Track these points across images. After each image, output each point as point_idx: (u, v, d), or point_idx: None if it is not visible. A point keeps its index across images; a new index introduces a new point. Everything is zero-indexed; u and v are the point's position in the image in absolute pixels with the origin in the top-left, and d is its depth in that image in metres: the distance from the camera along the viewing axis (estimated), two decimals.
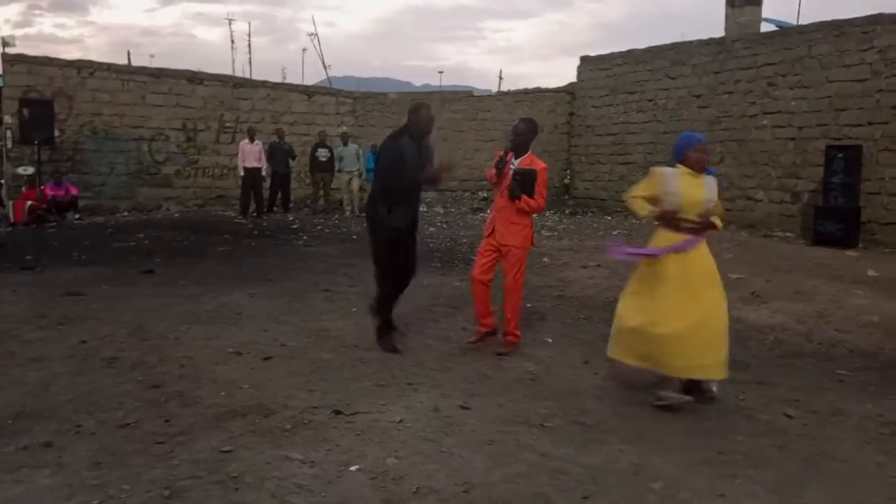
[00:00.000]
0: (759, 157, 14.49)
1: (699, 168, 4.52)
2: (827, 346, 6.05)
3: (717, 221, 4.59)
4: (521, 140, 5.46)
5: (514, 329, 5.57)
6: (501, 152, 5.50)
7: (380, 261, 5.56)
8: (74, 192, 14.36)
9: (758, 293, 8.06)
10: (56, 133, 14.26)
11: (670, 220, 4.49)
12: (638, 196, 4.62)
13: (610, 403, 4.50)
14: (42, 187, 13.48)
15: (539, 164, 5.46)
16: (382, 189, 5.51)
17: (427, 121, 5.51)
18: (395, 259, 5.49)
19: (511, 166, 5.40)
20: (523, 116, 5.99)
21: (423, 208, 17.39)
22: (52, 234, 11.79)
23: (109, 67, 16.07)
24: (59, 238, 11.33)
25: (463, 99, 19.67)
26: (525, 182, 5.32)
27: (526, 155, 5.45)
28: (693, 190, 4.48)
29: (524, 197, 5.33)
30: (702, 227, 4.52)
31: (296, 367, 5.01)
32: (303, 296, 7.38)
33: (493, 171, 5.43)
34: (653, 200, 4.55)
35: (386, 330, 5.61)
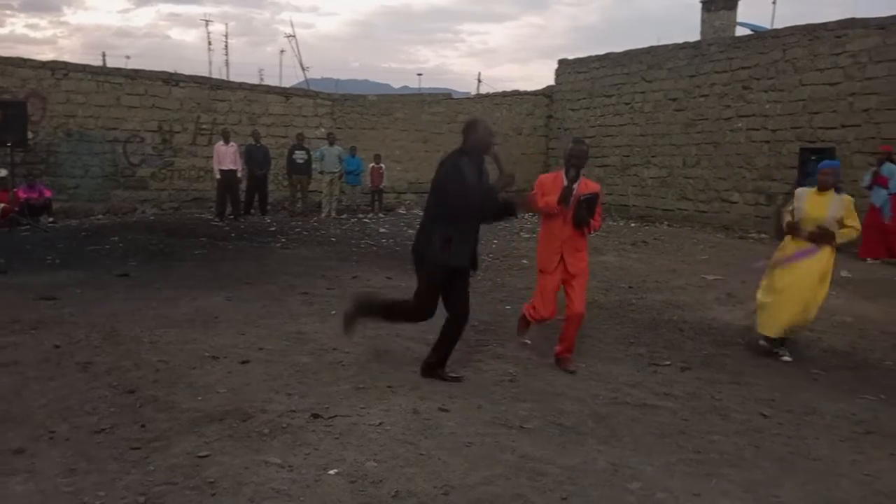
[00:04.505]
0: (733, 160, 14.66)
1: (824, 188, 5.61)
2: (801, 346, 6.13)
3: (839, 234, 5.57)
4: (582, 164, 5.21)
5: (571, 348, 5.44)
6: (560, 179, 5.19)
7: (421, 297, 4.80)
8: (48, 194, 14.15)
9: (733, 294, 8.15)
10: (29, 135, 14.07)
11: (792, 229, 5.69)
12: (786, 211, 5.86)
13: (588, 405, 4.52)
14: (15, 190, 13.27)
15: (594, 186, 5.30)
16: (443, 216, 4.66)
17: (488, 134, 4.81)
18: (437, 299, 4.80)
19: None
20: (576, 137, 5.65)
21: (402, 212, 17.42)
22: (26, 238, 11.61)
23: (84, 69, 15.92)
24: (32, 241, 11.15)
25: (442, 101, 19.66)
26: (592, 207, 5.16)
27: (580, 179, 5.23)
28: (814, 207, 5.61)
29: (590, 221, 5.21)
30: (819, 238, 5.56)
31: (274, 370, 4.97)
32: (280, 299, 7.33)
33: (555, 199, 5.11)
34: (791, 214, 5.77)
35: (353, 319, 5.10)
